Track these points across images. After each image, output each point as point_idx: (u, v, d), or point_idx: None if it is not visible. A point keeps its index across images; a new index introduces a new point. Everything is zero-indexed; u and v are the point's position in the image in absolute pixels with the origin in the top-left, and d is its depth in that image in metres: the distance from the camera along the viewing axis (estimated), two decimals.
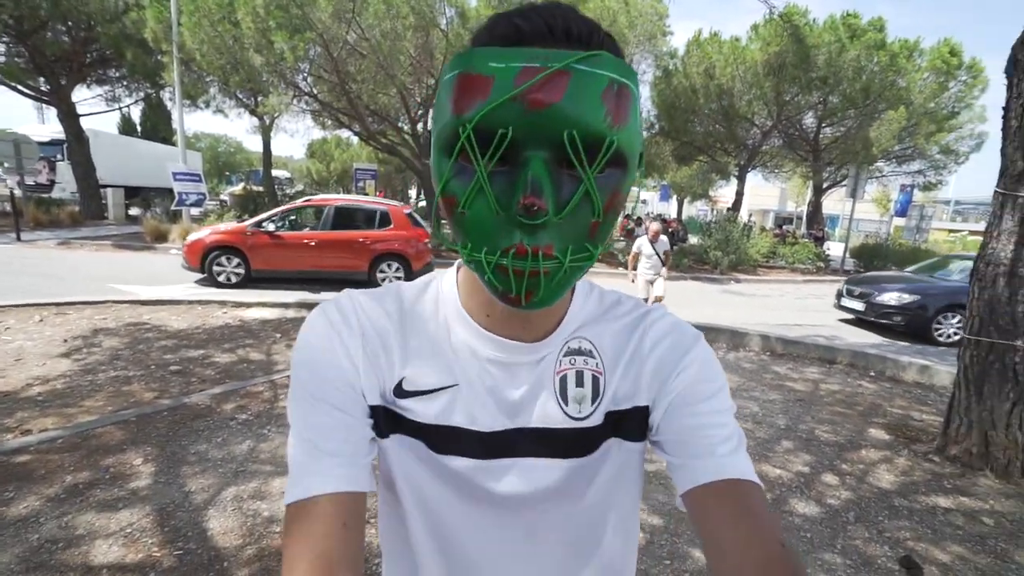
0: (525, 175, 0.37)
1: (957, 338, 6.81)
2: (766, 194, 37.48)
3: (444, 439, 0.52)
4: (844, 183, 18.13)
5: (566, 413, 0.52)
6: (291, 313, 6.04)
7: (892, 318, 7.28)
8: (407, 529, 0.56)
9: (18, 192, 11.29)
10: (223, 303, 6.12)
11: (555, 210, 0.38)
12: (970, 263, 7.82)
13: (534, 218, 0.37)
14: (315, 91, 12.81)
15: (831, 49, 14.60)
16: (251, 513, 2.30)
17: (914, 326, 7.11)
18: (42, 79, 13.51)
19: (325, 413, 0.47)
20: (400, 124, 13.37)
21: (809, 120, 17.52)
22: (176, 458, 2.69)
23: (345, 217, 8.00)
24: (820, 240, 17.87)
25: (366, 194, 16.39)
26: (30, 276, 7.22)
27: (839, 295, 8.27)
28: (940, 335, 7.04)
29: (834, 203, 24.60)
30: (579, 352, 0.54)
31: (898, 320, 7.24)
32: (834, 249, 18.19)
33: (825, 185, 19.88)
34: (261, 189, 21.00)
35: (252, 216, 8.74)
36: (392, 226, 8.05)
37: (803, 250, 15.71)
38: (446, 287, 0.55)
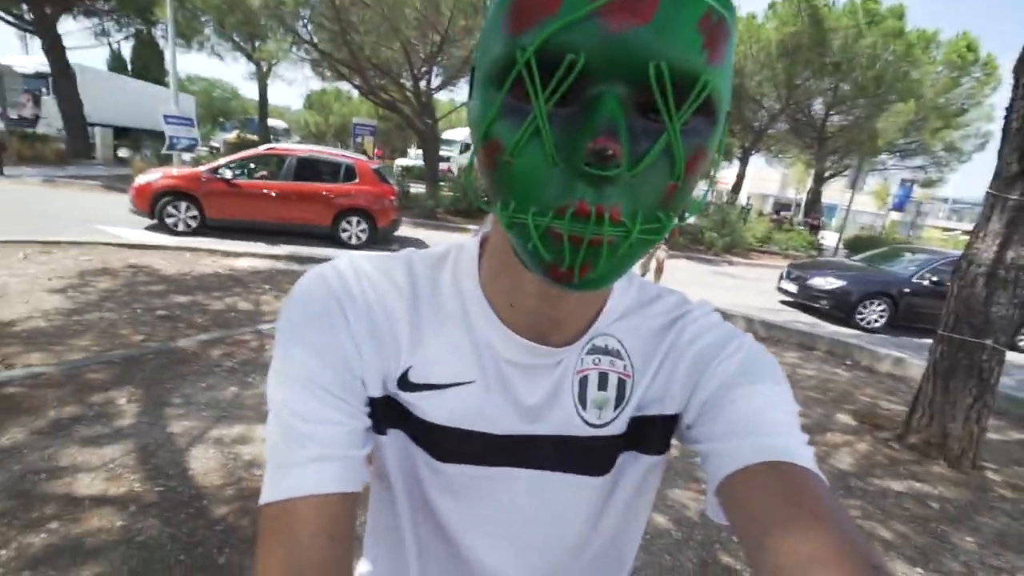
0: (595, 115, 0.29)
1: (877, 325, 7.18)
2: (767, 178, 37.29)
3: (451, 444, 0.46)
4: (846, 173, 18.08)
5: (583, 419, 0.46)
6: (281, 265, 6.02)
7: (819, 301, 7.52)
8: (399, 528, 0.51)
9: (1, 125, 10.95)
10: (212, 251, 6.08)
11: (629, 164, 0.30)
12: (917, 255, 7.98)
13: (605, 167, 0.29)
14: (315, 39, 12.37)
15: (848, 34, 14.31)
16: (233, 456, 2.35)
17: (839, 310, 7.35)
18: (25, 6, 12.91)
19: (315, 397, 0.40)
20: (402, 80, 12.98)
21: (818, 106, 17.32)
22: (161, 400, 2.73)
23: (308, 169, 7.60)
24: (816, 228, 17.94)
25: (364, 151, 16.07)
26: (15, 212, 7.09)
27: (780, 278, 8.49)
28: (863, 320, 7.27)
29: (834, 193, 24.59)
30: (605, 351, 0.47)
31: (824, 304, 7.46)
32: (829, 239, 18.29)
33: (827, 174, 19.81)
34: (257, 138, 20.57)
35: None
36: (357, 181, 7.69)
37: (798, 237, 15.78)
38: (466, 263, 0.47)
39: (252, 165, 7.65)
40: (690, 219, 0.35)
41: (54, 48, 13.38)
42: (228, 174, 7.27)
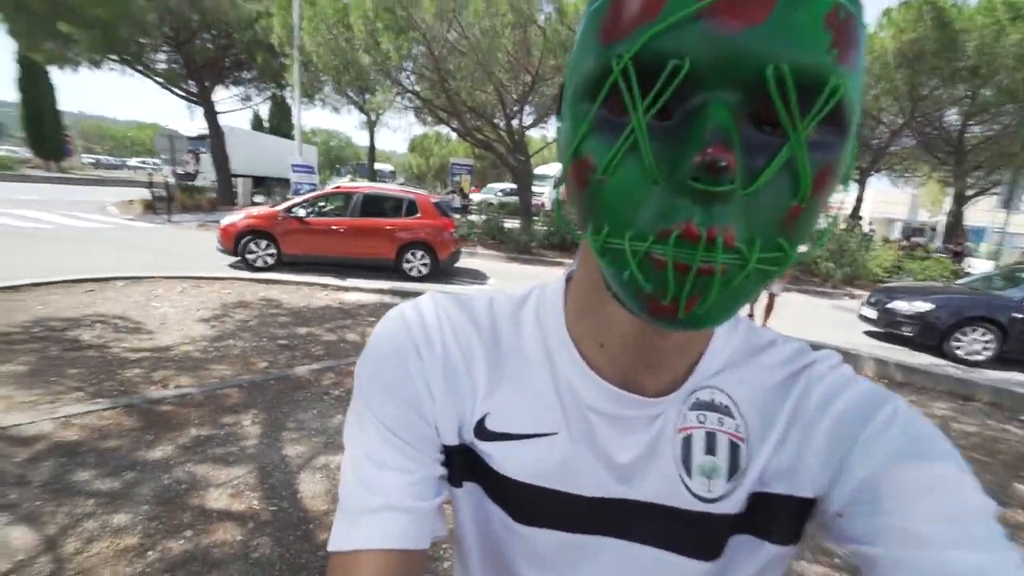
0: (703, 125, 0.25)
1: (981, 357, 5.99)
2: (893, 201, 33.48)
3: (532, 504, 0.42)
4: (996, 191, 15.70)
5: (689, 489, 0.40)
6: (387, 299, 6.43)
7: (902, 328, 6.51)
8: None
9: (171, 180, 13.10)
10: (325, 286, 6.66)
11: (744, 181, 0.26)
12: None
13: (717, 181, 0.25)
14: (417, 88, 13.47)
15: (984, 34, 12.66)
16: (337, 482, 2.49)
17: (927, 337, 6.29)
18: (192, 82, 15.51)
19: (386, 441, 0.40)
20: (496, 121, 13.66)
21: (952, 117, 15.35)
22: (278, 423, 3.00)
23: (373, 205, 8.02)
24: (959, 255, 15.67)
25: (461, 188, 16.97)
26: (177, 253, 8.34)
27: (861, 305, 7.53)
28: (960, 351, 6.12)
29: (980, 214, 21.36)
30: (712, 407, 0.40)
31: (907, 331, 6.44)
32: (979, 266, 15.87)
33: (970, 192, 17.33)
34: (366, 181, 22.59)
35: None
36: (419, 215, 7.99)
37: (936, 266, 13.85)
38: (550, 301, 0.43)
39: (323, 203, 8.11)
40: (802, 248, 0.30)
41: (210, 114, 15.87)
42: (301, 212, 7.82)
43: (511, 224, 12.67)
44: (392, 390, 0.41)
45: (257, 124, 28.83)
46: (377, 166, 27.87)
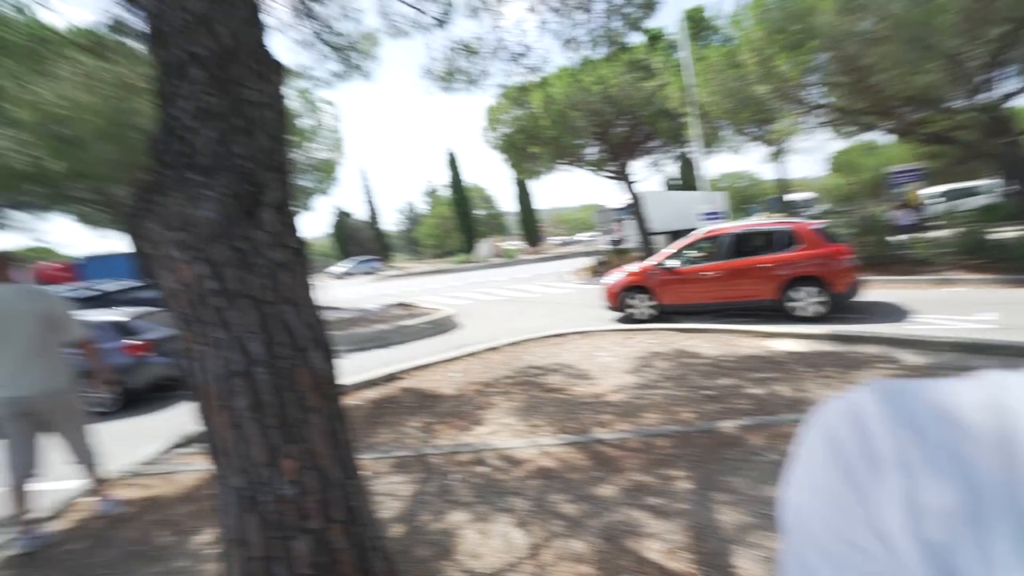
0: None
1: None
2: None
3: None
4: None
5: None
6: (823, 346, 5.46)
7: None
8: None
9: (607, 246, 15.87)
10: (749, 333, 6.29)
11: None
12: None
13: None
14: (826, 101, 11.72)
15: None
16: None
17: None
18: (613, 163, 18.55)
19: None
20: (950, 104, 10.22)
21: None
22: (707, 482, 2.89)
23: (745, 243, 7.63)
24: None
25: (907, 201, 13.37)
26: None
27: None
28: None
29: None
30: None
31: None
32: None
33: None
34: (779, 216, 20.90)
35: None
36: (801, 245, 7.15)
37: None
38: None
39: (693, 251, 8.08)
40: None
41: (628, 185, 18.51)
42: (670, 264, 8.00)
43: (1005, 234, 8.87)
44: (813, 538, 0.29)
45: (669, 184, 31.68)
46: (793, 196, 25.46)
